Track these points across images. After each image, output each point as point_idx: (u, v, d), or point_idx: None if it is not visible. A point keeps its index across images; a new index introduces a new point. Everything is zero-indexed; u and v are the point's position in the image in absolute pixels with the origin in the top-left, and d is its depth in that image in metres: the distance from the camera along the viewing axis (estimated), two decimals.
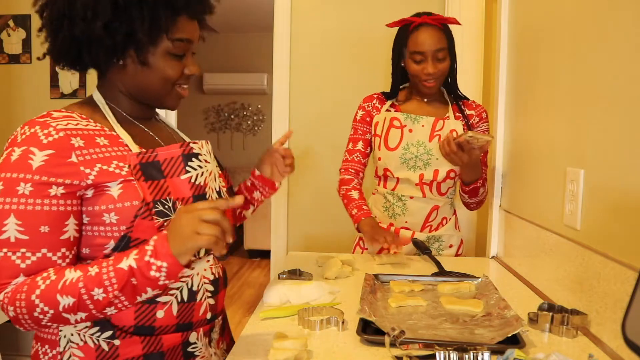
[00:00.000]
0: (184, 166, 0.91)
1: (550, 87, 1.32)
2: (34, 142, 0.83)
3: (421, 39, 1.56)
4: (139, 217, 0.86)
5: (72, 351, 0.88)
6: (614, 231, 0.98)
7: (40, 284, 0.81)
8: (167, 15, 0.89)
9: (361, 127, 1.74)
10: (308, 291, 1.18)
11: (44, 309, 0.80)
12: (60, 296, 0.80)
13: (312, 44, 2.61)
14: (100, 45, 0.87)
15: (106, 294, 0.80)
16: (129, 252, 0.82)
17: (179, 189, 0.90)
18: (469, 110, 1.71)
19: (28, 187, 0.81)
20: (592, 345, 0.96)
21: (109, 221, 0.87)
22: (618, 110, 0.97)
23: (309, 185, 2.67)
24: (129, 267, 0.80)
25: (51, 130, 0.84)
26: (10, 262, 0.82)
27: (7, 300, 0.82)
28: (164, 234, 0.81)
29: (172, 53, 0.92)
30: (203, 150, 0.96)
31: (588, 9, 1.11)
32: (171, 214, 0.89)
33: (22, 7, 2.79)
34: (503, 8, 1.72)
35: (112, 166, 0.87)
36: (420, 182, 1.65)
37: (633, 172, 0.91)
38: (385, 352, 0.89)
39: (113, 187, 0.86)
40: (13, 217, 0.81)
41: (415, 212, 1.67)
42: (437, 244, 1.70)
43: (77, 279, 0.81)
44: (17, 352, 2.77)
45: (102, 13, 0.85)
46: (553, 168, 1.27)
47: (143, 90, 0.95)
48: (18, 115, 2.81)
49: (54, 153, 0.83)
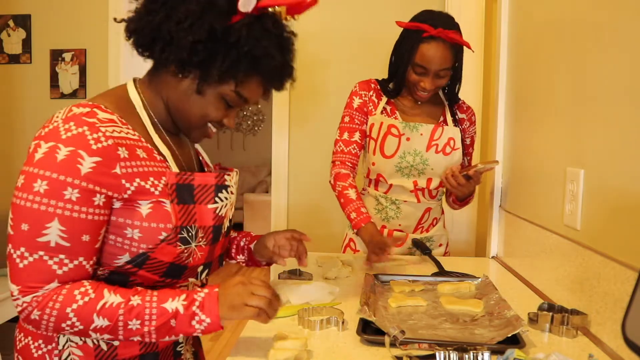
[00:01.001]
0: (214, 196, 0.91)
1: (550, 87, 1.32)
2: (82, 144, 0.79)
3: (430, 54, 1.48)
4: (165, 242, 0.85)
5: (71, 350, 0.88)
6: (614, 231, 0.98)
7: (78, 298, 0.80)
8: (248, 70, 0.87)
9: (358, 116, 1.64)
10: (308, 291, 1.18)
11: (75, 323, 0.80)
12: (97, 316, 0.80)
13: (312, 43, 2.61)
14: (176, 52, 0.84)
15: (142, 326, 0.81)
16: (174, 294, 0.84)
17: (204, 217, 0.90)
18: (461, 114, 1.68)
19: (75, 193, 0.78)
20: (592, 345, 0.96)
21: (130, 235, 0.85)
22: (618, 111, 0.97)
23: (308, 185, 2.66)
24: (175, 309, 0.82)
25: (100, 135, 0.80)
26: (47, 267, 0.79)
27: (35, 304, 0.80)
28: (216, 292, 0.85)
29: (226, 100, 0.91)
30: (232, 182, 0.96)
31: (588, 9, 1.11)
32: (192, 241, 0.88)
33: (22, 7, 2.79)
34: (503, 8, 1.72)
35: (149, 183, 0.85)
36: (415, 188, 1.63)
37: (633, 172, 0.91)
38: (385, 352, 0.89)
39: (143, 205, 0.84)
40: (57, 222, 0.78)
41: (409, 215, 1.66)
42: (428, 243, 1.69)
43: (117, 304, 0.81)
44: None
45: (197, 30, 0.82)
46: (553, 168, 1.27)
47: (181, 111, 0.92)
48: (18, 115, 2.82)
49: (101, 161, 0.79)
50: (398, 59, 1.58)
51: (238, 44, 0.84)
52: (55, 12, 2.74)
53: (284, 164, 2.67)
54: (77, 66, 2.76)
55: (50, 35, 2.76)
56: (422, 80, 1.53)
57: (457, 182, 1.49)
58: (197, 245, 0.90)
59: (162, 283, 0.91)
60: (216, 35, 0.83)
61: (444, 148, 1.60)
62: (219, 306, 0.83)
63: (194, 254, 0.90)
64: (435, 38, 1.47)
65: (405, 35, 1.56)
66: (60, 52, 2.75)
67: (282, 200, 2.69)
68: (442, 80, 1.55)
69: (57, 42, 2.76)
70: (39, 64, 2.79)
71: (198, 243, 0.90)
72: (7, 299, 2.34)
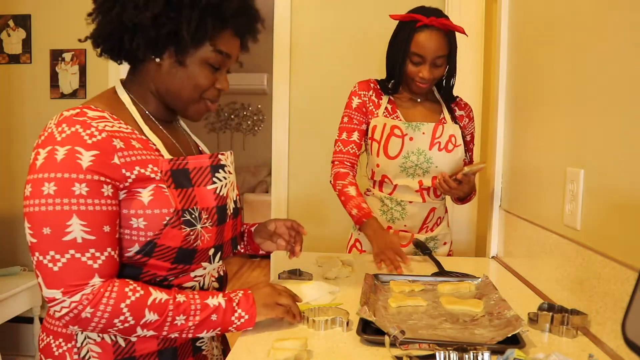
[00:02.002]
0: (211, 177, 0.93)
1: (550, 87, 1.32)
2: (77, 141, 0.81)
3: (424, 42, 1.52)
4: (168, 226, 0.87)
5: (89, 347, 0.89)
6: (614, 231, 0.98)
7: (130, 294, 0.84)
8: (215, 23, 0.89)
9: (357, 116, 1.67)
10: (308, 291, 1.18)
11: (127, 318, 0.83)
12: (148, 311, 0.84)
13: (312, 43, 2.61)
14: (144, 35, 0.87)
15: (186, 321, 0.87)
16: (213, 293, 0.93)
17: (205, 198, 0.91)
18: (459, 111, 1.71)
19: (84, 187, 0.81)
20: (592, 345, 0.96)
21: (136, 225, 0.87)
22: (618, 110, 0.97)
23: (308, 185, 2.66)
24: (217, 304, 0.91)
25: (93, 130, 0.83)
26: (82, 264, 0.81)
27: (86, 302, 0.81)
28: (250, 293, 0.96)
29: (209, 63, 0.92)
30: (228, 162, 0.98)
31: (588, 8, 1.11)
32: (197, 223, 0.90)
33: (22, 7, 2.79)
34: (503, 8, 1.72)
35: (148, 170, 0.87)
36: (420, 188, 1.64)
37: (633, 172, 0.91)
38: (385, 352, 0.89)
39: (144, 192, 0.86)
40: (76, 218, 0.80)
41: (414, 215, 1.67)
42: (433, 242, 1.71)
43: (166, 300, 0.86)
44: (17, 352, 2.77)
45: (153, 4, 0.85)
46: (553, 168, 1.27)
47: (172, 92, 0.94)
48: (18, 115, 2.81)
49: (99, 154, 0.82)
50: (394, 52, 1.61)
51: (195, 2, 0.86)
52: (55, 12, 2.74)
53: (284, 164, 2.67)
54: (77, 66, 2.76)
55: (50, 35, 2.76)
56: (419, 70, 1.56)
57: (449, 187, 1.53)
58: (204, 227, 0.91)
59: (175, 270, 0.92)
60: (172, 2, 0.86)
61: (446, 145, 1.63)
62: (255, 306, 0.94)
63: (202, 236, 0.91)
64: (428, 26, 1.52)
65: (399, 28, 1.60)
66: (60, 52, 2.75)
67: (282, 200, 2.69)
68: (439, 69, 1.58)
69: (57, 42, 2.75)
70: (39, 64, 2.78)
71: (204, 224, 0.91)
72: (7, 299, 2.34)
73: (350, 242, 1.78)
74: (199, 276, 0.98)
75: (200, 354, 1.00)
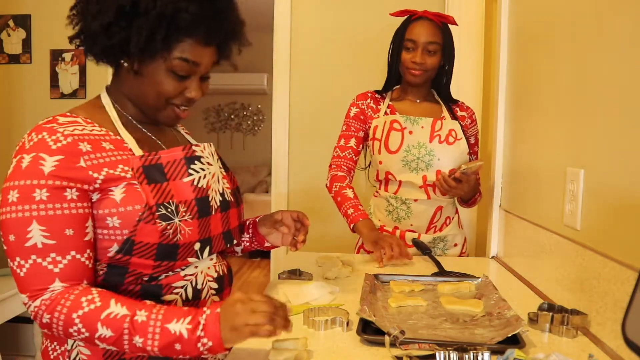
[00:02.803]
0: (186, 169, 0.93)
1: (550, 87, 1.32)
2: (42, 148, 0.83)
3: (416, 29, 1.61)
4: (142, 222, 0.87)
5: (79, 349, 0.89)
6: (614, 231, 0.98)
7: (84, 305, 0.81)
8: (170, 33, 0.88)
9: (354, 124, 1.72)
10: (308, 291, 1.18)
11: (81, 329, 0.81)
12: (101, 326, 0.80)
13: (312, 43, 2.61)
14: (97, 43, 0.89)
15: (144, 345, 0.80)
16: (180, 314, 0.81)
17: (181, 191, 0.91)
18: (461, 112, 1.73)
19: (44, 193, 0.82)
20: (592, 345, 0.96)
21: (112, 225, 0.87)
22: (618, 111, 0.97)
23: (308, 185, 2.66)
24: (178, 333, 0.80)
25: (59, 135, 0.84)
26: (42, 269, 0.82)
27: (44, 307, 0.82)
28: (217, 312, 0.81)
29: (173, 71, 0.91)
30: (205, 153, 0.98)
31: (588, 8, 1.10)
32: (174, 217, 0.89)
33: (22, 7, 2.79)
34: (503, 8, 1.72)
35: (118, 170, 0.87)
36: (424, 184, 1.65)
37: (633, 172, 0.91)
38: (385, 352, 0.89)
39: (116, 190, 0.87)
40: (36, 224, 0.82)
41: (420, 214, 1.67)
42: (442, 243, 1.70)
43: (122, 317, 0.80)
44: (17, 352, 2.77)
45: (104, 13, 0.86)
46: (553, 168, 1.27)
47: (139, 98, 0.95)
48: (18, 115, 2.81)
49: (63, 158, 0.83)
50: (393, 47, 1.68)
51: (147, 13, 0.86)
52: (55, 12, 2.74)
53: (284, 164, 2.67)
54: (77, 66, 2.76)
55: (50, 35, 2.76)
56: (412, 55, 1.62)
57: (448, 186, 1.55)
58: (182, 220, 0.90)
59: (160, 268, 0.91)
60: (124, 12, 0.86)
61: (446, 138, 1.65)
62: (221, 328, 0.80)
63: (181, 230, 0.90)
64: (422, 17, 1.63)
65: (398, 27, 1.68)
66: (60, 52, 2.75)
67: (282, 200, 2.69)
68: (432, 57, 1.62)
69: (57, 42, 2.75)
70: (39, 64, 2.78)
71: (182, 218, 0.90)
72: (7, 299, 2.34)
73: (359, 244, 1.79)
74: (189, 275, 0.95)
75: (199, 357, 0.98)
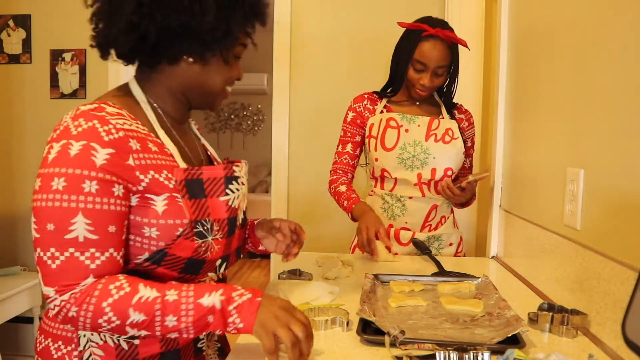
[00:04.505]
0: (224, 188, 0.91)
1: (550, 87, 1.32)
2: (94, 137, 0.79)
3: (428, 51, 1.57)
4: (181, 237, 0.85)
5: (92, 350, 0.87)
6: (614, 231, 0.98)
7: (113, 292, 0.79)
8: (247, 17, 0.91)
9: (351, 129, 1.75)
10: (308, 291, 1.18)
11: (111, 318, 0.79)
12: (133, 311, 0.79)
13: (312, 43, 2.61)
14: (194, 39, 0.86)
15: (178, 322, 0.80)
16: (210, 289, 0.82)
17: (217, 210, 0.90)
18: (459, 114, 1.75)
19: (94, 185, 0.79)
20: (592, 345, 0.96)
21: (149, 234, 0.85)
22: (618, 111, 0.97)
23: (308, 185, 2.66)
24: (212, 306, 0.80)
25: (111, 127, 0.81)
26: (79, 263, 0.79)
27: (73, 300, 0.79)
28: (258, 301, 0.82)
29: (237, 55, 0.94)
30: (242, 172, 0.97)
31: (588, 9, 1.11)
32: (208, 235, 0.88)
33: (22, 7, 2.79)
34: (503, 8, 1.72)
35: (162, 176, 0.85)
36: (419, 181, 1.66)
37: (633, 172, 0.91)
38: (385, 352, 0.89)
39: (158, 201, 0.85)
40: (81, 216, 0.78)
41: (415, 212, 1.67)
42: (437, 243, 1.71)
43: (153, 299, 0.79)
44: (17, 352, 2.77)
45: (209, 8, 0.84)
46: (553, 168, 1.27)
47: (202, 88, 0.94)
48: (18, 115, 2.81)
49: (114, 152, 0.80)
50: (398, 58, 1.66)
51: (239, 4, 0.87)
52: (55, 12, 2.74)
53: (284, 164, 2.67)
54: (77, 66, 2.76)
55: (50, 35, 2.76)
56: (421, 77, 1.61)
57: (452, 193, 1.58)
58: (214, 239, 0.90)
59: (182, 279, 0.91)
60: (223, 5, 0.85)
61: (442, 137, 1.66)
62: (256, 317, 0.81)
63: (212, 248, 0.90)
64: (433, 36, 1.58)
65: (405, 35, 1.65)
66: (60, 52, 2.75)
67: (282, 200, 2.69)
68: (439, 78, 1.63)
69: (57, 42, 2.75)
70: (39, 64, 2.78)
71: (214, 236, 0.90)
72: (7, 299, 2.34)
73: (354, 243, 1.80)
74: (201, 281, 0.97)
75: (201, 355, 1.00)
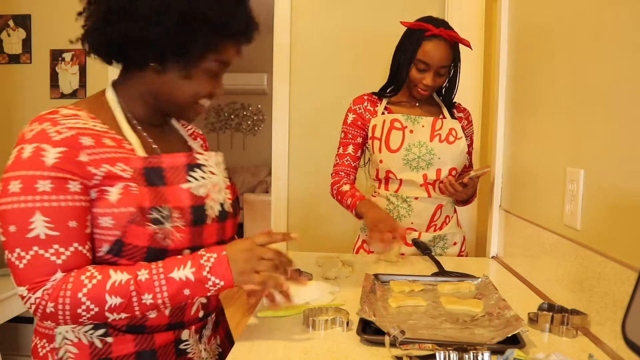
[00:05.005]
0: (186, 175, 0.92)
1: (550, 87, 1.32)
2: (44, 139, 0.82)
3: (432, 51, 1.57)
4: (132, 223, 0.86)
5: (66, 347, 0.89)
6: (614, 231, 0.98)
7: (86, 282, 0.82)
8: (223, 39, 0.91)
9: (351, 130, 1.73)
10: (308, 291, 1.18)
11: (89, 306, 0.82)
12: (109, 296, 0.82)
13: (312, 44, 2.61)
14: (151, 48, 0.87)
15: (154, 299, 0.84)
16: (179, 263, 0.87)
17: (178, 197, 0.90)
18: (459, 113, 1.76)
19: (48, 184, 0.81)
20: (592, 345, 0.96)
21: (104, 224, 0.87)
22: (618, 111, 0.97)
23: (308, 185, 2.66)
24: (185, 278, 0.85)
25: (61, 127, 0.83)
26: (45, 260, 0.81)
27: (47, 297, 0.82)
28: (224, 255, 0.88)
29: (211, 71, 0.94)
30: (210, 162, 0.97)
31: (588, 9, 1.11)
32: (167, 222, 0.89)
33: (22, 7, 2.79)
34: (503, 8, 1.72)
35: (117, 168, 0.87)
36: (425, 182, 1.65)
37: (633, 172, 0.91)
38: (385, 352, 0.89)
39: (113, 192, 0.86)
40: (39, 214, 0.81)
41: (421, 212, 1.67)
42: (442, 242, 1.71)
43: (126, 281, 0.83)
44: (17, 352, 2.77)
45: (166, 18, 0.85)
46: (553, 168, 1.27)
47: (169, 99, 0.95)
48: (18, 115, 2.82)
49: (66, 150, 0.83)
50: (400, 57, 1.65)
51: (205, 19, 0.87)
52: (55, 12, 2.74)
53: (284, 164, 2.67)
54: (77, 66, 2.76)
55: (50, 35, 2.76)
56: (423, 77, 1.61)
57: (454, 190, 1.59)
58: (175, 226, 0.90)
59: None
60: (185, 18, 0.86)
61: (447, 137, 1.66)
62: (231, 269, 0.87)
63: (172, 235, 0.90)
64: (436, 36, 1.57)
65: (407, 35, 1.64)
66: (60, 52, 2.75)
67: (282, 200, 2.69)
68: (441, 78, 1.63)
69: (57, 42, 2.76)
70: (39, 64, 2.79)
71: (174, 223, 0.90)
72: (7, 299, 2.34)
73: (358, 244, 1.79)
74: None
75: (185, 357, 0.97)
